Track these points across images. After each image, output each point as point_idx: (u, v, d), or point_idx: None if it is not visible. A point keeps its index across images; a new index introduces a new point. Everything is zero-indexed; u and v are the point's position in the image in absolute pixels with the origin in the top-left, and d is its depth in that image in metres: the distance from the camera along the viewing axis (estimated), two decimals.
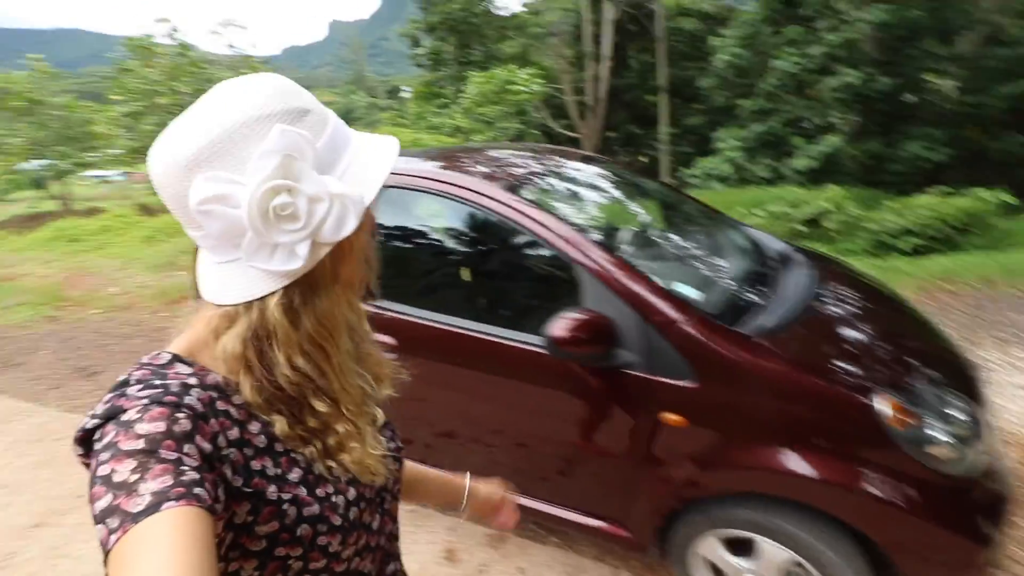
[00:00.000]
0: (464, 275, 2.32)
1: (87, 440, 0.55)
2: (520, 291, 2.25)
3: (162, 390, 0.56)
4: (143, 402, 0.54)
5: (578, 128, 18.46)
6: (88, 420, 0.55)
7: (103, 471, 0.50)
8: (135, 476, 0.49)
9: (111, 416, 0.54)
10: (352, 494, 0.67)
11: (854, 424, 1.59)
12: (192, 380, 0.59)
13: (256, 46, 14.53)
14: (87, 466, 0.54)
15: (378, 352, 0.78)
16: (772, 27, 12.71)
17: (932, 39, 10.77)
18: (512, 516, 1.09)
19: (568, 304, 1.81)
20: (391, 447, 0.78)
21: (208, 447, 0.55)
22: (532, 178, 2.29)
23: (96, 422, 0.55)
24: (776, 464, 1.62)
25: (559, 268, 1.92)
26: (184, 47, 13.08)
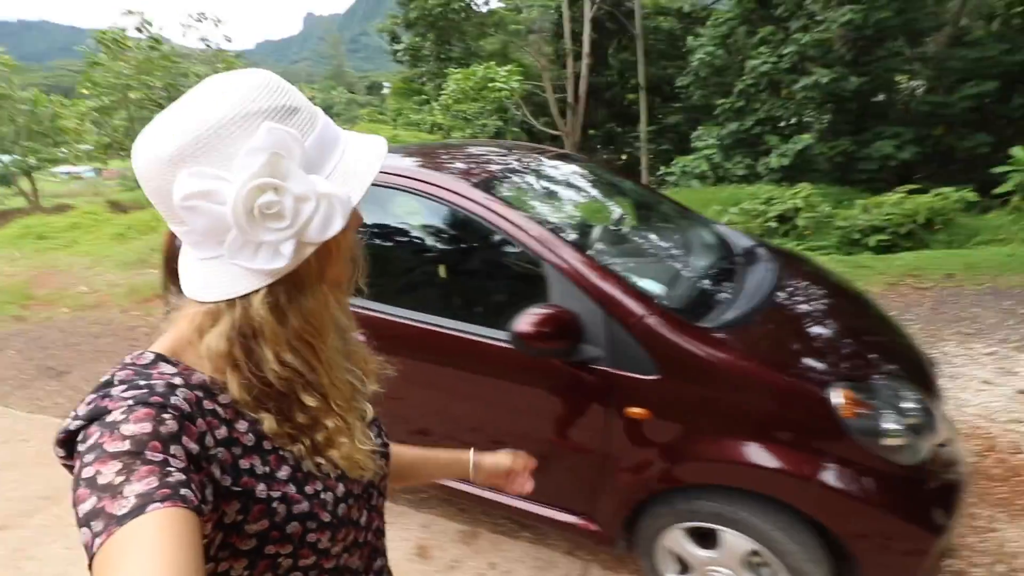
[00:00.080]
0: (432, 272, 2.32)
1: (69, 442, 0.54)
2: (488, 287, 2.26)
3: (147, 390, 0.55)
4: (128, 403, 0.53)
5: (559, 126, 18.52)
6: (70, 421, 0.54)
7: (87, 473, 0.49)
8: (120, 478, 0.48)
9: (95, 417, 0.53)
10: (341, 490, 0.67)
11: (810, 416, 1.63)
12: (177, 380, 0.58)
13: (230, 40, 14.28)
14: (69, 468, 0.53)
15: (363, 348, 0.79)
16: (747, 27, 12.89)
17: (900, 40, 11.01)
18: (527, 481, 1.07)
19: (535, 300, 1.82)
20: (378, 443, 0.78)
21: (195, 447, 0.54)
22: (501, 175, 2.30)
23: (79, 423, 0.54)
24: (736, 456, 1.66)
25: (526, 264, 1.94)
26: (156, 41, 12.83)
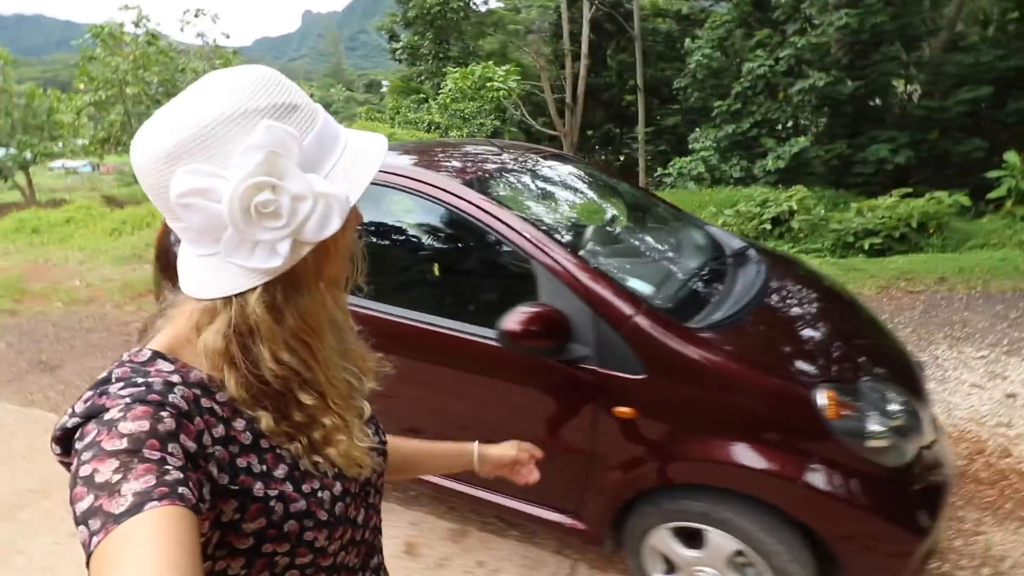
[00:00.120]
0: (422, 269, 2.32)
1: (66, 439, 0.54)
2: (477, 286, 2.26)
3: (145, 388, 0.54)
4: (125, 400, 0.53)
5: (557, 126, 18.53)
6: (67, 419, 0.54)
7: (85, 471, 0.49)
8: (117, 476, 0.48)
9: (92, 415, 0.53)
10: (338, 489, 0.67)
11: (795, 416, 1.64)
12: (175, 378, 0.58)
13: (227, 36, 14.24)
14: (66, 466, 0.53)
15: (361, 346, 0.78)
16: (744, 30, 12.92)
17: (896, 45, 11.06)
18: (532, 471, 1.08)
19: (524, 299, 1.83)
20: (375, 441, 0.78)
21: (192, 446, 0.54)
22: (492, 174, 2.30)
23: (76, 421, 0.53)
24: (721, 456, 1.67)
25: (515, 263, 1.94)
26: (153, 36, 12.79)
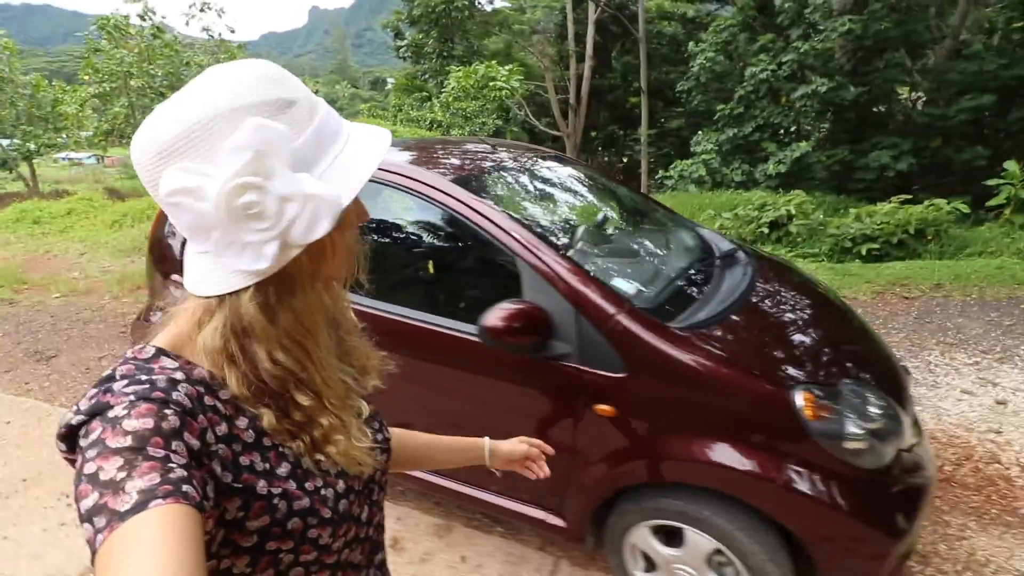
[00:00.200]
0: (407, 265, 2.33)
1: (71, 436, 0.54)
2: (462, 282, 2.27)
3: (149, 386, 0.54)
4: (130, 398, 0.53)
5: (561, 127, 18.54)
6: (72, 416, 0.54)
7: (89, 469, 0.49)
8: (122, 474, 0.48)
9: (96, 412, 0.53)
10: (341, 487, 0.67)
11: (772, 417, 1.65)
12: (178, 375, 0.57)
13: (233, 31, 14.25)
14: (71, 463, 0.53)
15: (365, 345, 0.78)
16: (748, 34, 12.90)
17: (901, 52, 11.03)
18: (542, 466, 1.08)
19: (508, 295, 1.84)
20: (379, 438, 0.78)
21: (196, 443, 0.54)
22: (482, 171, 2.31)
23: (81, 418, 0.53)
24: (699, 455, 1.68)
25: (500, 260, 1.95)
26: (159, 29, 12.82)
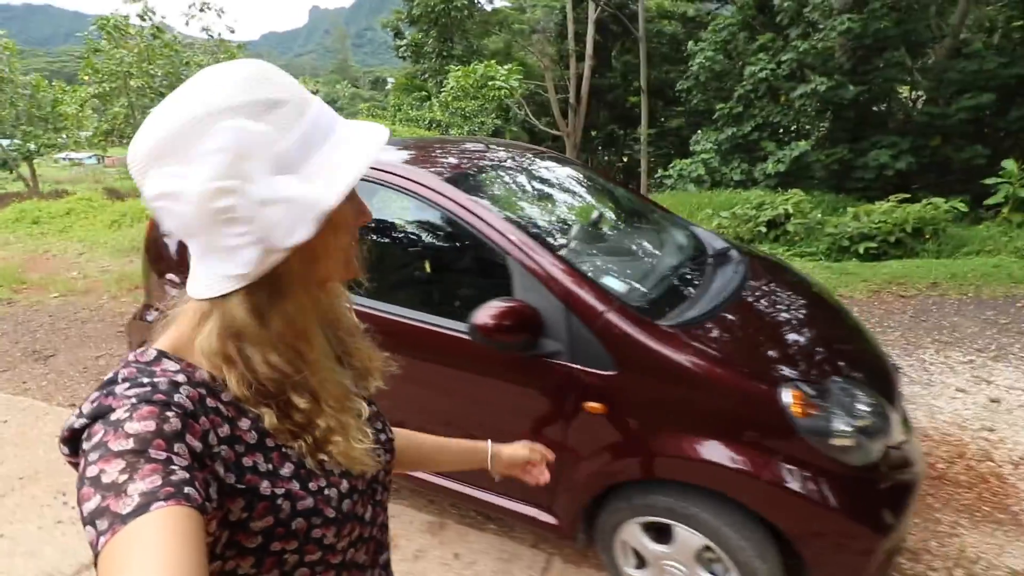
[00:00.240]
0: (395, 262, 2.34)
1: (73, 440, 0.54)
2: (453, 280, 2.28)
3: (150, 388, 0.54)
4: (131, 401, 0.53)
5: (561, 126, 18.53)
6: (75, 419, 0.54)
7: (92, 472, 0.49)
8: (124, 476, 0.48)
9: (99, 415, 0.53)
10: (345, 486, 0.67)
11: (760, 414, 1.65)
12: (180, 377, 0.57)
13: (233, 30, 14.27)
14: (74, 466, 0.53)
15: (368, 346, 0.78)
16: (748, 33, 12.90)
17: (902, 50, 11.03)
18: (543, 472, 1.08)
19: (499, 294, 1.84)
20: (381, 438, 0.78)
21: (198, 445, 0.54)
22: (473, 170, 2.32)
23: (83, 422, 0.53)
24: (688, 451, 1.68)
25: (491, 258, 1.96)
26: (158, 29, 12.83)
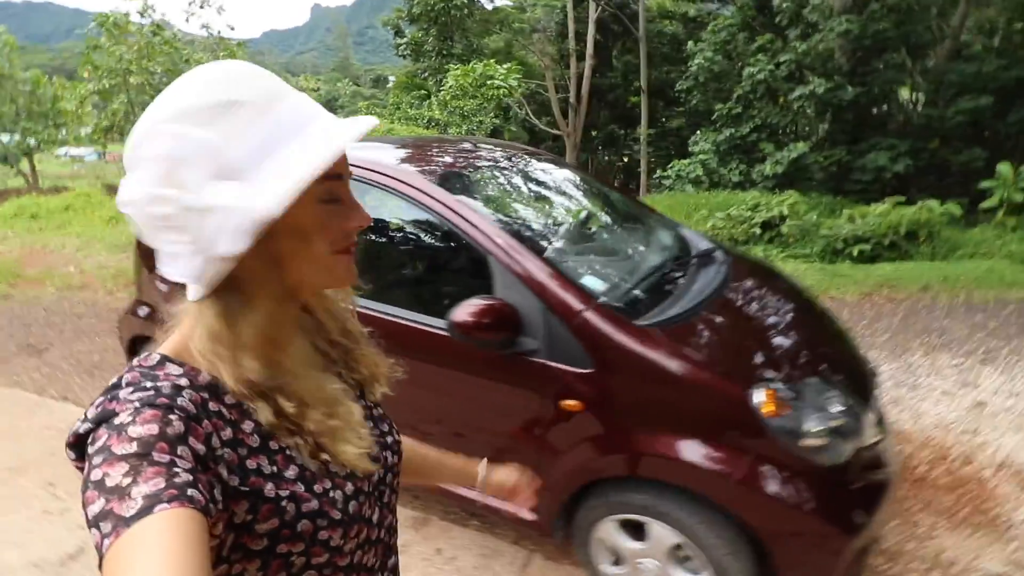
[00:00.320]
0: (376, 258, 2.35)
1: (79, 444, 0.54)
2: (434, 277, 2.29)
3: (154, 392, 0.55)
4: (135, 405, 0.53)
5: (561, 126, 18.54)
6: (80, 424, 0.54)
7: (96, 475, 0.49)
8: (127, 480, 0.48)
9: (103, 420, 0.53)
10: (350, 488, 0.67)
11: (733, 413, 1.67)
12: (183, 381, 0.58)
13: (233, 28, 14.30)
14: (80, 470, 0.53)
15: (374, 352, 0.78)
16: (747, 34, 12.89)
17: (899, 52, 11.03)
18: (530, 498, 1.09)
19: (479, 291, 1.86)
20: (388, 441, 0.78)
21: (202, 448, 0.54)
22: (461, 169, 2.33)
23: (88, 426, 0.54)
24: (661, 449, 1.70)
25: (471, 256, 1.98)
26: (158, 27, 12.85)
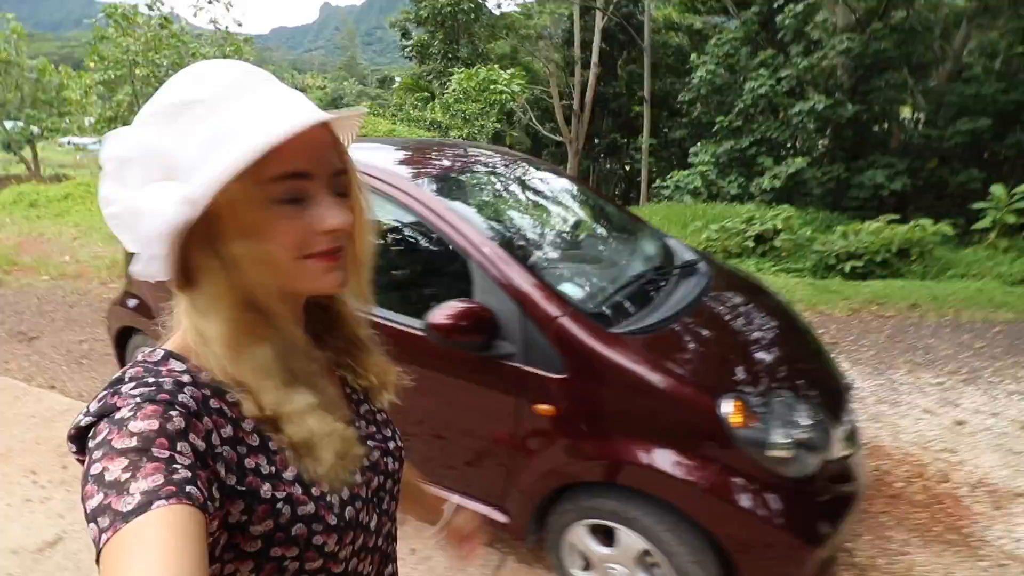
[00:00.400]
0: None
1: (81, 437, 0.55)
2: (414, 278, 2.31)
3: (155, 388, 0.55)
4: (136, 400, 0.53)
5: (564, 133, 18.59)
6: (81, 418, 0.55)
7: (95, 470, 0.49)
8: (126, 475, 0.48)
9: (104, 414, 0.54)
10: (346, 493, 0.67)
11: (700, 422, 1.69)
12: (185, 378, 0.58)
13: (240, 24, 14.31)
14: (81, 463, 0.54)
15: (382, 360, 0.79)
16: (750, 48, 12.97)
17: (901, 71, 11.10)
18: (476, 551, 1.10)
19: (459, 294, 1.89)
20: (390, 446, 0.78)
21: (201, 445, 0.54)
22: (446, 172, 2.36)
23: (90, 420, 0.54)
24: (629, 456, 1.73)
25: (451, 259, 2.00)
26: (166, 19, 12.89)
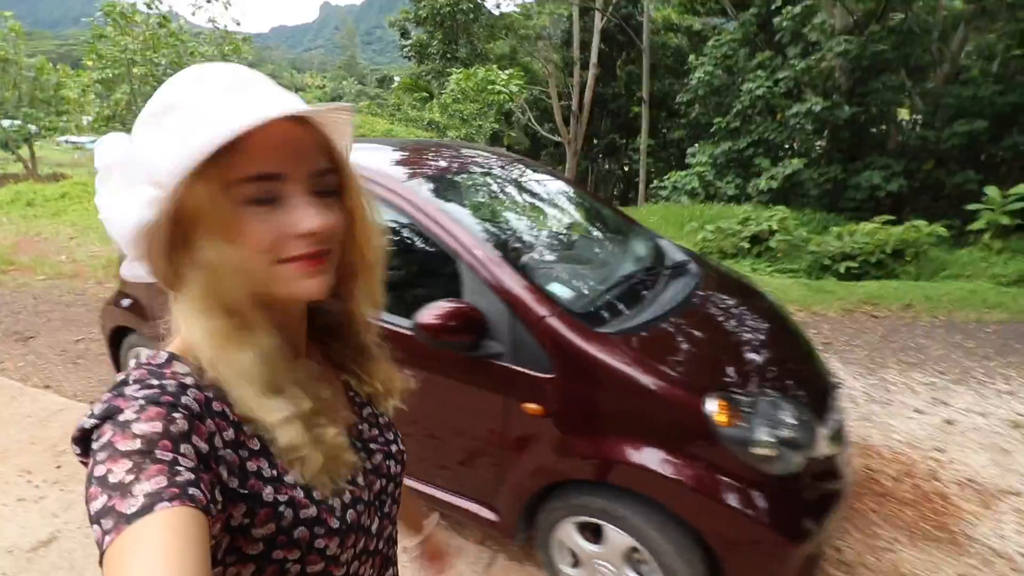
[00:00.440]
0: None
1: (85, 439, 0.55)
2: (403, 278, 2.32)
3: (159, 390, 0.55)
4: (139, 402, 0.54)
5: (562, 133, 18.62)
6: (85, 420, 0.55)
7: (99, 472, 0.50)
8: (130, 477, 0.49)
9: (108, 416, 0.54)
10: (348, 497, 0.67)
11: (685, 421, 1.71)
12: (189, 380, 0.58)
13: (239, 23, 14.31)
14: (86, 465, 0.54)
15: (388, 367, 0.79)
16: (748, 50, 12.99)
17: (898, 73, 11.14)
18: (442, 570, 1.10)
19: (448, 294, 1.91)
20: (393, 449, 0.78)
21: (204, 447, 0.54)
22: (438, 172, 2.38)
23: (94, 422, 0.54)
24: (615, 454, 1.74)
25: (440, 258, 2.02)
26: (165, 18, 12.88)
